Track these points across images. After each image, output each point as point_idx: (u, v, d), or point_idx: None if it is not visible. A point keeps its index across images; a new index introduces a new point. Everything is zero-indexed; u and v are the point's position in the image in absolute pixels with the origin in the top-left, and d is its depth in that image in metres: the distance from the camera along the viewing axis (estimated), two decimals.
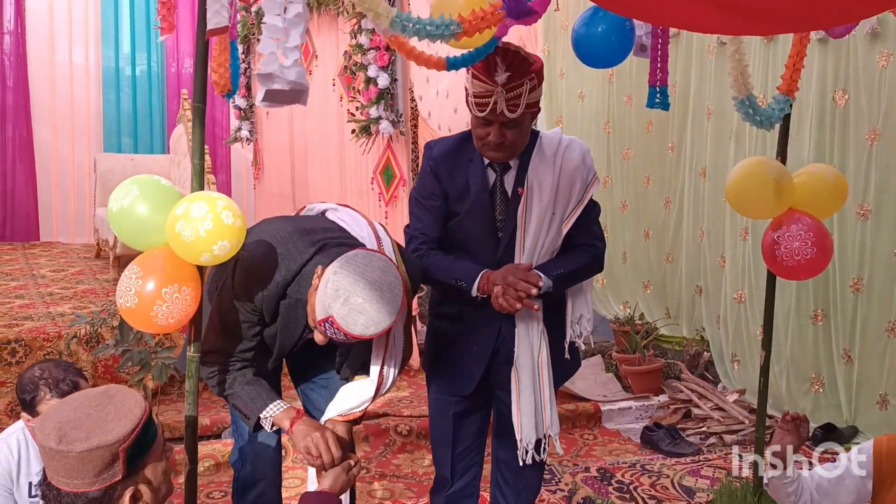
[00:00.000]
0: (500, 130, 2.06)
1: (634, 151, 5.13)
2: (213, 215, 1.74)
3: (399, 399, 4.23)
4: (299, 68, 0.97)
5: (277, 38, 0.95)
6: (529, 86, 2.03)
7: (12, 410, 3.89)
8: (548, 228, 2.16)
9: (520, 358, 2.20)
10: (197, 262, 1.82)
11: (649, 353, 4.59)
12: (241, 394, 2.01)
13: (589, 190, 2.18)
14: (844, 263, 3.78)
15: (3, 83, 7.33)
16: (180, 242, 1.76)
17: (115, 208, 1.81)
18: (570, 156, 2.17)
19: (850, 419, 3.82)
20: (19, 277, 5.63)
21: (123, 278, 1.82)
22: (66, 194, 7.51)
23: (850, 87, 3.75)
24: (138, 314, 1.81)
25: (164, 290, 1.79)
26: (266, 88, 0.97)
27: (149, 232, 1.82)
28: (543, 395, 2.20)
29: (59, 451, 1.34)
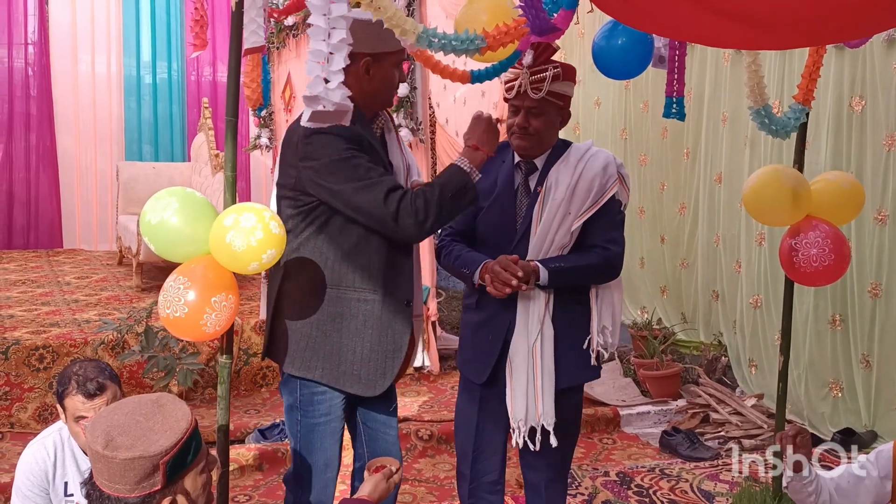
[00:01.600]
0: (526, 116, 2.22)
1: (650, 158, 5.17)
2: (263, 225, 1.82)
3: (420, 404, 4.28)
4: (343, 90, 1.03)
5: (322, 62, 1.00)
6: (553, 73, 2.18)
7: (40, 416, 3.97)
8: (558, 226, 2.25)
9: (515, 343, 2.29)
10: (243, 271, 1.89)
11: (667, 357, 4.61)
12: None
13: (606, 193, 2.25)
14: (862, 268, 3.79)
15: (26, 93, 7.46)
16: (230, 252, 1.82)
17: (155, 220, 1.86)
18: (593, 163, 2.27)
19: (869, 424, 3.83)
20: (45, 284, 5.73)
21: (169, 289, 1.86)
22: (88, 202, 7.62)
23: (866, 93, 3.77)
24: (188, 324, 1.86)
25: (213, 298, 1.85)
26: (312, 110, 1.02)
27: (187, 243, 1.88)
28: (537, 383, 2.25)
29: (105, 456, 1.40)
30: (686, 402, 4.34)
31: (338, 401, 2.20)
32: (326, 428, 2.21)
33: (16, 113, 7.42)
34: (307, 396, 2.18)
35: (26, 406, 3.98)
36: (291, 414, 2.24)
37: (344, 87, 1.04)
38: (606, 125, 5.44)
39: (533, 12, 1.56)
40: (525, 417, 2.26)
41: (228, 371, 1.99)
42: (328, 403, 2.19)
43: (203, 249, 1.89)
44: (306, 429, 2.20)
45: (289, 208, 2.10)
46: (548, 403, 2.25)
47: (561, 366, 2.28)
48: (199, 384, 4.24)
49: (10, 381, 3.97)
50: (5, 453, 3.65)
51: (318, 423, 2.20)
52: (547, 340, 2.25)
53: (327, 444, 2.22)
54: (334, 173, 1.97)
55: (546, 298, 2.25)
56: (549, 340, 2.26)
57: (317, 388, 2.18)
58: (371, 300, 2.11)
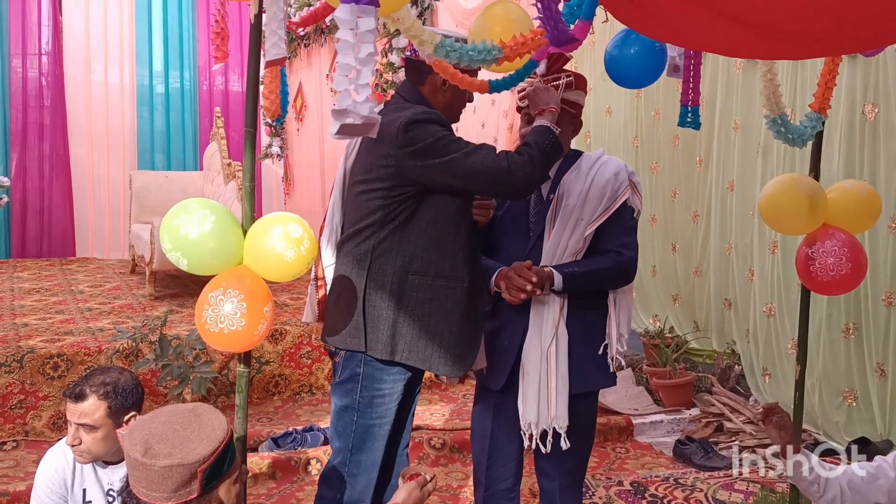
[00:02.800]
0: None
1: (662, 165, 5.17)
2: (308, 235, 1.89)
3: (432, 412, 4.28)
4: (371, 103, 1.04)
5: (350, 76, 1.01)
6: (566, 81, 2.24)
7: (54, 424, 4.00)
8: (571, 231, 2.27)
9: (528, 345, 2.30)
10: (288, 279, 1.93)
11: (680, 366, 4.60)
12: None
13: (618, 199, 2.27)
14: (876, 277, 3.77)
15: (40, 102, 7.53)
16: (281, 263, 1.86)
17: (194, 234, 1.82)
18: (605, 170, 2.31)
19: (884, 433, 3.80)
20: (58, 293, 5.77)
21: (218, 303, 1.83)
22: (101, 211, 7.68)
23: (879, 100, 3.76)
24: (243, 336, 1.85)
25: (265, 308, 1.87)
26: (340, 123, 1.03)
27: (222, 256, 1.88)
28: (550, 385, 2.25)
29: (143, 463, 1.41)
30: (699, 411, 4.33)
31: (394, 404, 2.27)
32: (380, 430, 2.27)
33: (29, 122, 7.49)
34: (367, 399, 2.25)
35: (41, 414, 4.00)
36: (345, 415, 2.29)
37: (372, 101, 1.05)
38: (618, 133, 5.44)
39: (552, 23, 1.57)
40: (537, 420, 2.27)
41: (246, 381, 2.00)
42: (386, 406, 2.26)
43: (234, 261, 1.90)
44: (361, 429, 2.26)
45: (378, 199, 2.19)
46: (561, 406, 2.25)
47: (575, 370, 2.28)
48: (213, 392, 4.26)
49: (25, 389, 3.99)
50: (20, 461, 3.67)
51: (373, 424, 2.26)
52: (561, 345, 2.26)
53: (378, 445, 2.28)
54: (441, 149, 2.13)
55: (560, 303, 2.27)
56: (564, 345, 2.27)
57: (378, 392, 2.23)
58: (459, 287, 2.20)
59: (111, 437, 2.14)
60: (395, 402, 2.26)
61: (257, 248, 1.87)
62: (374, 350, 2.21)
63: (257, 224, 1.90)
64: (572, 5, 1.94)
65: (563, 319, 2.28)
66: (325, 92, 6.35)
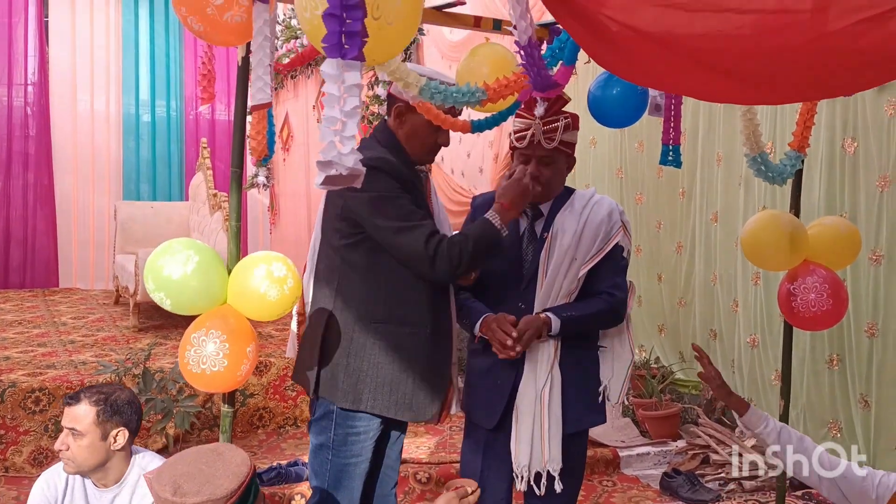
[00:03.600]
0: (538, 166, 2.23)
1: (647, 196, 5.22)
2: (292, 273, 1.88)
3: (417, 445, 4.26)
4: (356, 155, 1.06)
5: (336, 128, 1.03)
6: (564, 123, 2.23)
7: (35, 459, 3.94)
8: (566, 272, 2.27)
9: (523, 387, 2.29)
10: (272, 318, 1.92)
11: (666, 397, 4.61)
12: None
13: (612, 240, 2.28)
14: (858, 308, 3.81)
15: (25, 133, 7.52)
16: (264, 303, 1.85)
17: (177, 275, 1.83)
18: (598, 210, 2.31)
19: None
20: (41, 325, 5.72)
21: (201, 344, 1.84)
22: (85, 241, 7.64)
23: (858, 135, 3.83)
24: (226, 377, 1.85)
25: (248, 348, 1.87)
26: (325, 174, 1.05)
27: (204, 296, 1.88)
28: (543, 427, 2.24)
29: (174, 502, 1.47)
30: (686, 443, 4.33)
31: (369, 443, 2.25)
32: (356, 469, 2.26)
33: (14, 152, 7.48)
34: (341, 437, 2.23)
35: (21, 449, 3.94)
36: (321, 453, 2.28)
37: (357, 153, 1.07)
38: (602, 164, 5.49)
39: (535, 70, 1.59)
40: (529, 463, 2.26)
41: (230, 421, 1.99)
42: (361, 445, 2.24)
43: (218, 300, 1.89)
44: (336, 468, 2.25)
45: (336, 239, 2.20)
46: (554, 449, 2.24)
47: (569, 411, 2.28)
48: (196, 426, 4.22)
49: (6, 423, 3.94)
50: (0, 497, 3.61)
51: (348, 463, 2.24)
52: (555, 386, 2.26)
53: (354, 484, 2.27)
54: (379, 210, 2.10)
55: (555, 345, 2.27)
56: (558, 386, 2.26)
57: (352, 430, 2.22)
58: (422, 334, 2.20)
59: (97, 450, 2.17)
60: (370, 441, 2.25)
61: (241, 287, 1.87)
62: (338, 400, 2.20)
63: (241, 263, 1.90)
64: (554, 48, 1.97)
65: (556, 360, 2.27)
66: (311, 123, 6.38)
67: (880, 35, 1.34)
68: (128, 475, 2.25)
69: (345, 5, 1.03)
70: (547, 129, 2.21)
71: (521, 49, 1.58)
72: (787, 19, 1.34)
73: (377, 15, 1.12)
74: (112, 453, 2.20)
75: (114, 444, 2.19)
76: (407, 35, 1.25)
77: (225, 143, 7.92)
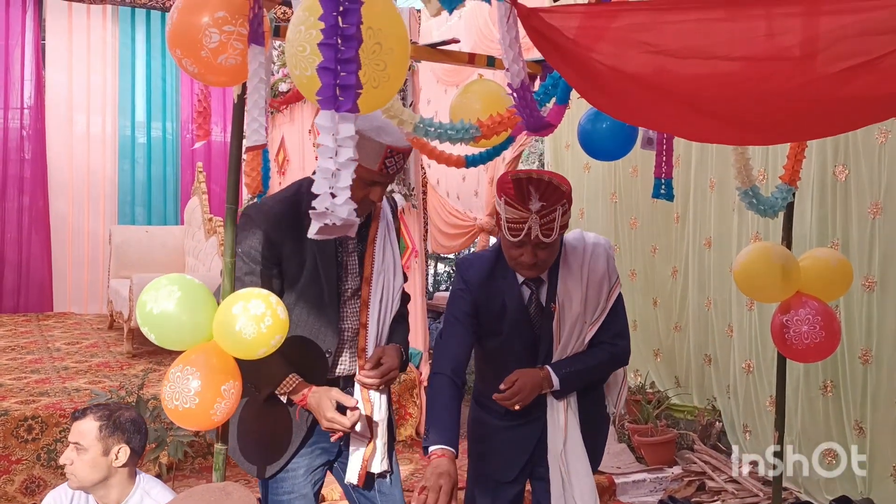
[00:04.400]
0: (534, 251, 2.12)
1: (641, 221, 5.24)
2: (272, 311, 1.80)
3: (409, 471, 4.24)
4: (349, 206, 1.07)
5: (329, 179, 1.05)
6: (561, 210, 2.09)
7: (27, 488, 3.91)
8: (577, 335, 2.26)
9: (550, 452, 2.29)
10: (251, 357, 1.86)
11: (661, 423, 4.60)
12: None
13: (613, 293, 2.26)
14: (852, 335, 3.82)
15: (20, 156, 7.52)
16: (239, 340, 1.80)
17: (157, 311, 1.83)
18: (595, 265, 2.26)
19: (864, 492, 3.81)
20: (35, 350, 5.69)
21: (175, 380, 1.83)
22: (80, 265, 7.62)
23: (849, 162, 3.86)
24: (198, 414, 1.83)
25: (223, 387, 1.84)
26: (319, 224, 1.07)
27: (189, 331, 1.86)
28: (570, 486, 2.23)
29: None
30: (682, 470, 4.32)
31: (300, 479, 2.19)
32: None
33: (9, 175, 7.47)
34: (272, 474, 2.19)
35: (13, 479, 3.91)
36: (261, 488, 2.27)
37: (351, 203, 1.08)
38: (596, 189, 5.52)
39: (527, 111, 1.61)
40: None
41: (223, 458, 1.98)
42: (291, 482, 2.19)
43: (204, 336, 1.88)
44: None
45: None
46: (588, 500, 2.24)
47: (591, 456, 2.30)
48: (189, 455, 4.19)
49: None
50: None
51: (281, 500, 2.20)
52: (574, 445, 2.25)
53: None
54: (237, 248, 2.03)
55: (565, 405, 2.26)
56: (577, 444, 2.25)
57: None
58: (249, 389, 2.09)
59: (98, 465, 2.22)
60: (301, 478, 2.18)
61: (221, 324, 1.84)
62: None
63: (227, 300, 1.88)
64: (547, 85, 2.00)
65: (572, 417, 2.26)
66: (307, 146, 6.41)
67: (867, 80, 1.36)
68: (131, 497, 2.28)
69: (339, 59, 1.05)
70: (545, 223, 2.08)
71: (514, 91, 1.60)
72: (775, 66, 1.37)
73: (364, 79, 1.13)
74: (114, 470, 2.24)
75: (115, 461, 2.24)
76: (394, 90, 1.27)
77: (221, 165, 7.93)
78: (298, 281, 2.08)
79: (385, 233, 2.21)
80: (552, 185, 2.07)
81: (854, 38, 1.33)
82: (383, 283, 2.19)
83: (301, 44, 1.22)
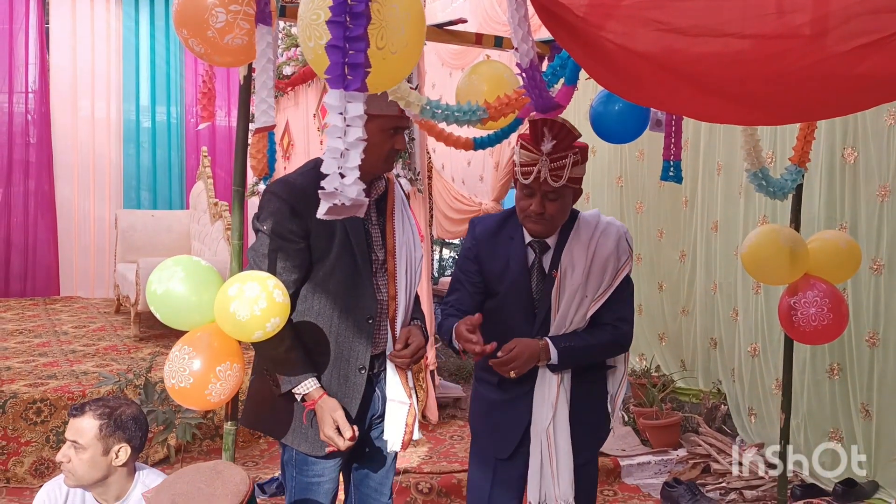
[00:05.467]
0: (542, 201, 2.15)
1: (647, 205, 5.23)
2: (266, 294, 1.81)
3: (419, 455, 4.26)
4: (358, 186, 1.06)
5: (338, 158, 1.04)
6: (573, 159, 2.12)
7: (36, 470, 3.94)
8: (577, 308, 2.24)
9: (534, 425, 2.29)
10: (248, 340, 1.88)
11: (666, 406, 4.61)
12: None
13: (620, 273, 2.24)
14: (859, 317, 3.81)
15: (25, 140, 7.51)
16: (234, 322, 1.81)
17: (160, 290, 1.86)
18: (605, 241, 2.24)
19: (870, 474, 3.82)
20: (42, 334, 5.72)
21: (174, 359, 1.86)
22: (86, 249, 7.63)
23: (858, 144, 3.84)
24: (193, 393, 1.85)
25: (218, 368, 1.85)
26: (328, 205, 1.06)
27: (192, 312, 1.88)
28: (552, 463, 2.24)
29: None
30: (686, 452, 4.33)
31: (331, 463, 2.22)
32: (319, 489, 2.23)
33: (15, 160, 7.47)
34: (302, 456, 2.20)
35: (23, 460, 3.94)
36: (286, 469, 2.27)
37: (360, 183, 1.07)
38: (602, 173, 5.50)
39: (536, 91, 1.60)
40: (544, 499, 2.27)
41: (233, 438, 1.99)
42: (322, 465, 2.21)
43: (209, 318, 1.89)
44: (300, 487, 2.23)
45: None
46: (565, 482, 2.24)
47: (578, 441, 2.28)
48: (197, 437, 4.22)
49: (7, 434, 3.94)
50: None
51: (311, 482, 2.22)
52: (560, 421, 2.25)
53: (321, 502, 2.23)
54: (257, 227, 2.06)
55: (558, 380, 2.25)
56: (563, 421, 2.25)
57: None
58: (323, 362, 2.13)
59: (97, 464, 2.14)
60: (332, 462, 2.21)
61: (219, 305, 1.86)
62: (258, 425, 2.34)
63: (226, 282, 1.88)
64: (555, 65, 1.98)
65: (563, 396, 2.25)
66: (311, 130, 6.39)
67: (880, 58, 1.34)
68: (131, 493, 2.23)
69: (348, 37, 1.04)
70: (554, 167, 2.11)
71: (523, 72, 1.59)
72: (786, 44, 1.35)
73: (381, 45, 1.12)
74: (113, 469, 2.17)
75: (115, 460, 2.16)
76: (410, 62, 1.25)
77: (225, 150, 7.92)
78: (330, 251, 2.09)
79: (402, 207, 2.25)
80: (566, 127, 2.10)
81: (866, 16, 1.31)
82: (406, 255, 2.22)
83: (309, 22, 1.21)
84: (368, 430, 2.29)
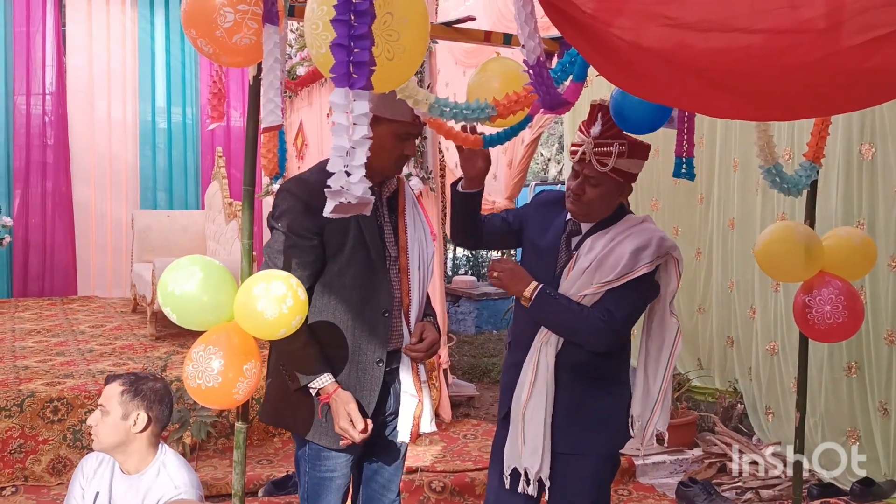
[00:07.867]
0: (583, 184, 2.20)
1: (663, 202, 5.19)
2: (293, 293, 1.84)
3: (433, 453, 4.26)
4: (364, 184, 1.06)
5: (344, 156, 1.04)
6: (619, 150, 2.16)
7: (54, 468, 3.98)
8: (577, 290, 2.22)
9: (515, 396, 2.30)
10: (271, 338, 1.90)
11: (682, 405, 4.58)
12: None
13: (629, 276, 2.16)
14: (878, 315, 3.77)
15: (43, 141, 7.58)
16: (261, 321, 1.83)
17: (178, 291, 1.86)
18: (630, 240, 2.19)
19: (888, 473, 3.78)
20: (60, 333, 5.77)
21: (199, 359, 1.87)
22: (103, 249, 7.69)
23: (876, 140, 3.79)
24: (220, 393, 1.86)
25: (245, 366, 1.87)
26: (334, 202, 1.06)
27: (210, 312, 1.89)
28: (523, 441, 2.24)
29: None
30: (702, 452, 4.30)
31: (343, 459, 2.24)
32: (332, 484, 2.26)
33: (32, 161, 7.54)
34: (315, 451, 2.23)
35: (40, 459, 3.98)
36: (299, 464, 2.31)
37: (366, 181, 1.07)
38: None
39: (543, 88, 1.59)
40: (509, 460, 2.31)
41: (244, 437, 2.00)
42: (335, 460, 2.23)
43: (225, 317, 1.90)
44: (313, 482, 2.26)
45: None
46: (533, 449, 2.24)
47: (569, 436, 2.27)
48: (212, 435, 4.24)
49: (25, 433, 3.98)
50: None
51: (324, 477, 2.25)
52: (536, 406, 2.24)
53: (332, 499, 2.27)
54: (273, 225, 2.12)
55: (537, 360, 2.24)
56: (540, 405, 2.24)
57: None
58: (341, 357, 2.15)
59: (117, 428, 2.26)
60: (345, 458, 2.24)
61: (242, 305, 1.87)
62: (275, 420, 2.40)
63: (247, 281, 1.90)
64: (565, 62, 1.97)
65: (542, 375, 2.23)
66: (325, 130, 6.41)
67: (893, 52, 1.32)
68: (149, 467, 2.31)
69: (353, 35, 1.04)
70: (599, 152, 2.15)
71: (530, 68, 1.58)
72: (798, 38, 1.33)
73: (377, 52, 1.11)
74: (132, 436, 2.28)
75: (133, 427, 2.27)
76: (410, 68, 1.25)
77: (240, 150, 7.94)
78: (345, 247, 2.12)
79: (412, 204, 2.29)
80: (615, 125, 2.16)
81: (879, 8, 1.29)
82: (418, 252, 2.26)
83: (314, 21, 1.21)
84: (382, 427, 2.31)
